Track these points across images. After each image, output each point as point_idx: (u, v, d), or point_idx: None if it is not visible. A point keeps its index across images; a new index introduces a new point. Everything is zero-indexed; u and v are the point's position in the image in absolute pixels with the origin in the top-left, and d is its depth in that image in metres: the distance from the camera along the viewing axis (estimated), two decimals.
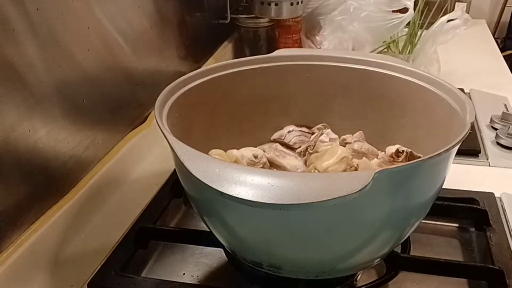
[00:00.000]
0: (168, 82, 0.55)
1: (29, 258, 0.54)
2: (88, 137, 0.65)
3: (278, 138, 0.64)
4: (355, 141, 0.61)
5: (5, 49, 0.50)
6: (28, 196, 0.55)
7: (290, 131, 0.64)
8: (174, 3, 0.89)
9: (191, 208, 0.68)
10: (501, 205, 0.65)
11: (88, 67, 0.64)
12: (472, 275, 0.54)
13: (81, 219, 0.62)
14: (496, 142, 0.82)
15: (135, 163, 0.76)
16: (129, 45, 0.74)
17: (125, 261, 0.55)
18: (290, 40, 1.14)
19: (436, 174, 0.46)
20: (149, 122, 0.80)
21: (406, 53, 1.07)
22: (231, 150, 0.58)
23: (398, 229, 0.48)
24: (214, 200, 0.44)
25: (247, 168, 0.45)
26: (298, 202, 0.35)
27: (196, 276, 0.57)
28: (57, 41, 0.57)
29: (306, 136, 0.65)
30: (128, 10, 0.74)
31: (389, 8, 1.05)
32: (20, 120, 0.53)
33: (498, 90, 1.02)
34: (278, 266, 0.48)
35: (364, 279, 0.54)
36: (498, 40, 1.80)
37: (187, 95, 0.56)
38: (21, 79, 0.52)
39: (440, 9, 1.18)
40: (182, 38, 0.93)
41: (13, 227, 0.53)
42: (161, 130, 0.45)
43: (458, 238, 0.62)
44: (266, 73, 0.64)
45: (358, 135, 0.62)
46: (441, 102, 0.54)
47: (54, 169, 0.59)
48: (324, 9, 1.11)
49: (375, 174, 0.36)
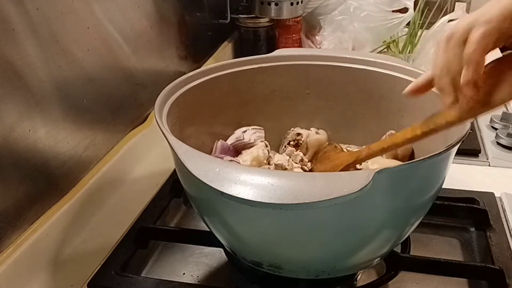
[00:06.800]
0: (168, 82, 0.55)
1: (29, 258, 0.54)
2: (88, 137, 0.65)
3: (236, 141, 0.64)
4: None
5: (5, 49, 0.50)
6: (28, 196, 0.55)
7: (244, 131, 0.64)
8: (174, 3, 0.89)
9: (191, 208, 0.68)
10: (501, 205, 0.65)
11: (88, 67, 0.64)
12: (472, 275, 0.54)
13: (81, 219, 0.62)
14: (496, 142, 0.82)
15: (135, 163, 0.76)
16: (129, 45, 0.74)
17: (125, 261, 0.55)
18: (290, 40, 1.14)
19: (436, 174, 0.46)
20: (149, 122, 0.80)
21: (406, 53, 1.07)
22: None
23: (398, 228, 0.48)
24: (214, 200, 0.44)
25: (247, 167, 0.45)
26: (298, 202, 0.35)
27: (196, 276, 0.57)
28: (57, 41, 0.57)
29: (260, 132, 0.65)
30: (128, 10, 0.74)
31: (389, 8, 1.05)
32: (20, 120, 0.53)
33: None
34: (278, 265, 0.48)
35: (364, 279, 0.54)
36: None
37: (187, 95, 0.56)
38: (21, 79, 0.52)
39: (440, 9, 1.18)
40: (182, 38, 0.93)
41: (13, 227, 0.53)
42: (161, 130, 0.45)
43: (458, 238, 0.62)
44: (266, 73, 0.64)
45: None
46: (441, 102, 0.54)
47: (54, 169, 0.59)
48: (324, 9, 1.12)
49: (375, 174, 0.36)
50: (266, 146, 0.62)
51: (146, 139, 0.78)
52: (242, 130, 0.64)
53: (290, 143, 0.63)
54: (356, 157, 0.51)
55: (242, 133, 0.63)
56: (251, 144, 0.63)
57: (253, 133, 0.64)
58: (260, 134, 0.64)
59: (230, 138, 0.63)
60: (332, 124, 0.66)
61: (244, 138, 0.63)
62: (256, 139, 0.63)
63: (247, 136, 0.63)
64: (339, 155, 0.57)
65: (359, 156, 0.50)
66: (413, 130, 0.43)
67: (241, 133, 0.63)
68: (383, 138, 0.60)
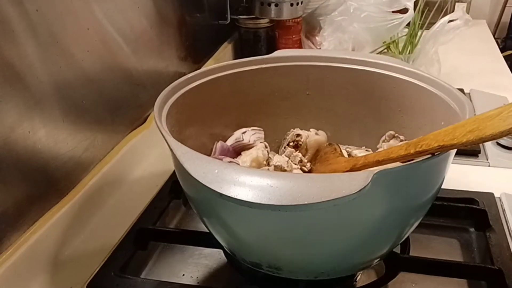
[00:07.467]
0: (168, 82, 0.55)
1: (29, 259, 0.54)
2: (88, 138, 0.65)
3: (235, 142, 0.63)
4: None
5: (4, 50, 0.50)
6: (28, 197, 0.55)
7: (244, 132, 0.64)
8: (174, 3, 0.89)
9: (190, 209, 0.68)
10: (500, 206, 0.65)
11: (88, 68, 0.64)
12: (471, 276, 0.54)
13: (80, 220, 0.63)
14: (496, 142, 0.81)
15: (134, 164, 0.76)
16: (128, 45, 0.74)
17: (124, 262, 0.55)
18: (290, 40, 1.14)
19: (435, 175, 0.46)
20: (148, 123, 0.80)
21: (406, 54, 1.07)
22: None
23: (397, 229, 0.48)
24: (213, 201, 0.44)
25: (246, 169, 0.45)
26: (297, 203, 0.35)
27: (195, 277, 0.57)
28: (56, 41, 0.58)
29: (260, 133, 0.65)
30: (128, 10, 0.74)
31: (389, 8, 1.05)
32: (20, 120, 0.53)
33: (498, 91, 1.01)
34: (277, 267, 0.48)
35: (364, 280, 0.54)
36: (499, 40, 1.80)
37: (187, 96, 0.56)
38: (20, 79, 0.52)
39: (440, 9, 1.18)
40: (182, 39, 0.93)
41: (12, 228, 0.53)
42: (160, 131, 0.45)
43: (458, 239, 0.62)
44: (266, 74, 0.64)
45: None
46: (441, 103, 0.54)
47: (53, 170, 0.59)
48: (324, 10, 1.12)
49: (374, 175, 0.36)
50: (265, 147, 0.62)
51: (145, 140, 0.78)
52: (242, 131, 0.64)
53: (290, 144, 0.63)
54: (353, 165, 0.51)
55: (242, 134, 0.63)
56: (250, 145, 0.63)
57: (252, 134, 0.64)
58: (259, 135, 0.64)
59: (230, 139, 0.63)
60: (332, 125, 0.66)
61: (244, 139, 0.63)
62: (256, 140, 0.63)
63: (246, 137, 0.63)
64: (337, 159, 0.57)
65: (356, 164, 0.51)
66: (407, 147, 0.43)
67: (241, 134, 0.63)
68: (382, 139, 0.60)
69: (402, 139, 0.59)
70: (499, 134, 0.35)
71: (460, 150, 0.75)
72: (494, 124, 0.36)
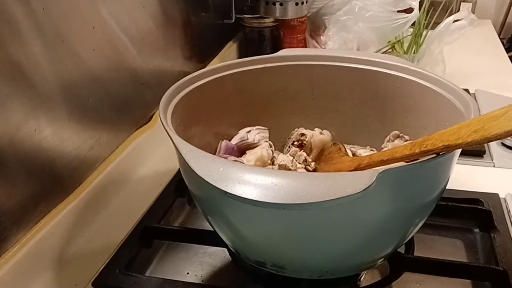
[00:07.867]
0: (173, 82, 0.55)
1: (34, 257, 0.54)
2: (93, 137, 0.66)
3: (240, 141, 0.63)
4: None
5: (11, 49, 0.50)
6: (33, 195, 0.55)
7: (249, 131, 0.64)
8: (179, 3, 0.89)
9: (195, 208, 0.68)
10: (505, 206, 0.65)
11: (94, 67, 0.64)
12: (476, 276, 0.54)
13: (85, 218, 0.63)
14: (501, 143, 0.81)
15: (139, 163, 0.76)
16: (134, 45, 0.74)
17: (129, 260, 0.56)
18: (295, 40, 1.14)
19: (440, 175, 0.46)
20: (153, 122, 0.80)
21: (411, 53, 1.06)
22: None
23: (401, 229, 0.48)
24: (218, 200, 0.44)
25: (251, 167, 0.46)
26: (302, 202, 0.35)
27: (200, 275, 0.57)
28: (62, 40, 0.58)
29: (264, 132, 0.65)
30: (134, 10, 0.74)
31: (394, 8, 1.05)
32: (26, 119, 0.53)
33: (504, 91, 1.01)
34: (281, 265, 0.48)
35: (368, 280, 0.54)
36: (504, 41, 1.79)
37: (192, 95, 0.56)
38: (27, 78, 0.53)
39: (446, 9, 1.18)
40: (187, 38, 0.93)
41: (18, 226, 0.53)
42: (165, 130, 0.45)
43: (462, 239, 0.62)
44: (270, 73, 0.64)
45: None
46: (446, 103, 0.54)
47: (59, 168, 0.59)
48: (329, 9, 1.11)
49: (379, 174, 0.36)
50: (270, 146, 0.63)
51: (150, 139, 0.78)
52: (246, 130, 0.64)
53: (294, 144, 0.63)
54: (358, 164, 0.51)
55: (246, 133, 0.64)
56: (255, 144, 0.63)
57: (257, 133, 0.64)
58: (264, 134, 0.64)
59: (234, 138, 0.64)
60: (336, 124, 0.66)
61: (248, 138, 0.63)
62: (260, 139, 0.63)
63: (251, 136, 0.63)
64: (342, 159, 0.57)
65: (360, 164, 0.51)
66: (412, 147, 0.43)
67: (245, 133, 0.63)
68: (387, 138, 0.60)
69: (407, 138, 0.59)
70: (504, 134, 0.35)
71: (465, 151, 0.75)
72: (499, 124, 0.36)
